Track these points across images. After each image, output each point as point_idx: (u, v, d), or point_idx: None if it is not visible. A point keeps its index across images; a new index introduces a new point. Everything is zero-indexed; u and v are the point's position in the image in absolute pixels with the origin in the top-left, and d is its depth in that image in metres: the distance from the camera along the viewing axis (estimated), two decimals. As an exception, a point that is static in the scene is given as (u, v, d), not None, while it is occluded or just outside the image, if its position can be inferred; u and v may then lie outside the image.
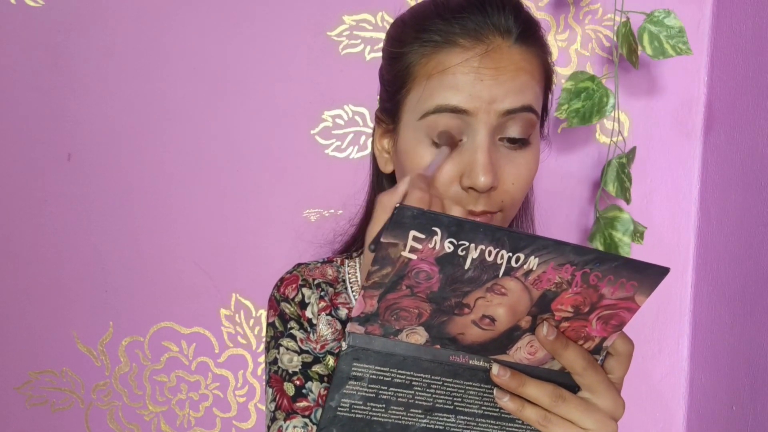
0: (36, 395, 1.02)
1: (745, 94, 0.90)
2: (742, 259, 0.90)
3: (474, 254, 0.42)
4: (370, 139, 0.98)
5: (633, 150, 0.93)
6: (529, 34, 0.62)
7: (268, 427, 0.70)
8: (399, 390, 0.48)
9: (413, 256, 0.42)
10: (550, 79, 0.67)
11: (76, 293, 1.01)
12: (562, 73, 0.97)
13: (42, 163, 0.99)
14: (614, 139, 0.93)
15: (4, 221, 0.99)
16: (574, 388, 0.50)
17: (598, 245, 0.91)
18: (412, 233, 0.41)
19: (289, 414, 0.68)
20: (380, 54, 0.97)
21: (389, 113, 0.67)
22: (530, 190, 0.77)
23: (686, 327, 1.03)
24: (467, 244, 0.41)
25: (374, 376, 0.47)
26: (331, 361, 0.70)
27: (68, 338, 1.01)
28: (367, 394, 0.48)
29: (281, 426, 0.68)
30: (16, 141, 0.98)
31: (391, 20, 0.96)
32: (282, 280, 0.74)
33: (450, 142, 0.60)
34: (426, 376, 0.48)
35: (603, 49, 0.99)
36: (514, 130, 0.60)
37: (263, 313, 1.02)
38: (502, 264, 0.43)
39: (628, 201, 0.91)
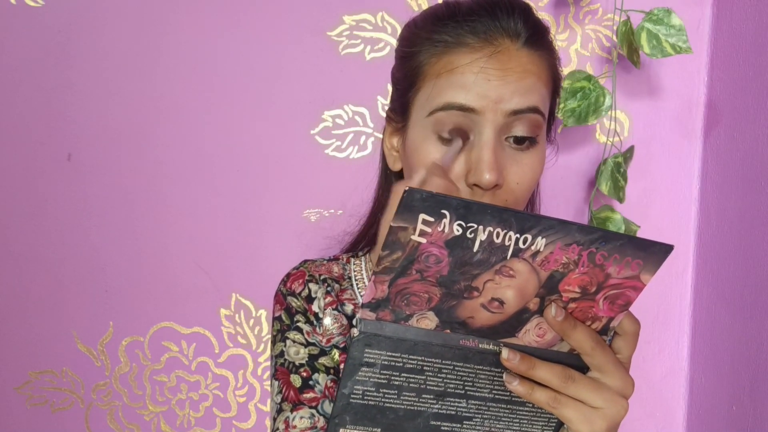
0: (36, 395, 1.02)
1: (745, 95, 0.90)
2: (742, 259, 0.90)
3: (482, 236, 0.43)
4: (371, 139, 0.99)
5: (631, 149, 0.94)
6: (537, 38, 0.63)
7: (274, 420, 0.70)
8: (411, 375, 0.48)
9: (423, 240, 0.42)
10: (558, 83, 0.68)
11: (76, 293, 1.01)
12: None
13: (42, 163, 0.99)
14: (611, 139, 0.93)
15: (4, 221, 0.99)
16: (583, 369, 0.50)
17: None
18: (422, 216, 0.41)
19: (296, 405, 0.68)
20: (380, 54, 0.98)
21: (399, 112, 0.68)
22: (536, 191, 0.78)
23: (686, 327, 1.03)
24: (475, 226, 0.42)
25: (386, 362, 0.48)
26: (336, 355, 0.71)
27: (68, 338, 1.01)
28: (379, 381, 0.48)
29: (288, 417, 0.68)
30: (16, 141, 0.98)
31: (392, 20, 0.97)
32: (288, 275, 0.75)
33: (462, 135, 0.61)
34: (437, 360, 0.48)
35: (603, 49, 0.99)
36: (520, 130, 0.61)
37: (263, 313, 1.02)
38: (510, 246, 0.43)
39: (621, 200, 0.91)
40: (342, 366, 0.71)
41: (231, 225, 1.00)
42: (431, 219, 0.41)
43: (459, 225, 0.42)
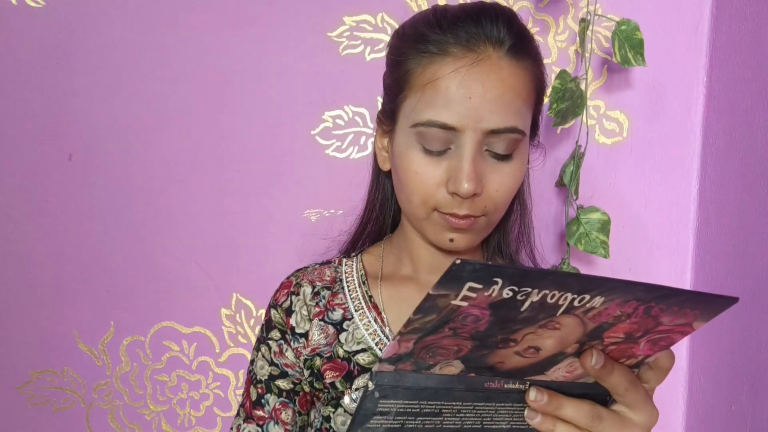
0: (37, 395, 1.03)
1: (743, 95, 0.90)
2: (741, 259, 0.90)
3: (535, 298, 0.39)
4: (371, 139, 0.99)
5: (576, 149, 0.94)
6: (521, 47, 0.63)
7: (237, 416, 0.76)
8: (427, 418, 0.45)
9: (464, 304, 0.38)
10: (542, 92, 0.69)
11: (77, 293, 1.01)
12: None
13: (43, 164, 0.99)
14: (578, 141, 0.94)
15: (6, 221, 1.00)
16: (606, 395, 0.48)
17: (576, 244, 0.92)
18: (469, 284, 0.37)
19: (248, 418, 0.74)
20: (380, 55, 0.98)
21: (388, 115, 0.69)
22: (528, 196, 0.78)
23: (686, 327, 1.03)
24: (530, 290, 0.38)
25: (402, 409, 0.44)
26: (318, 361, 0.71)
27: (69, 338, 1.02)
28: (392, 426, 0.45)
29: (240, 425, 0.74)
30: (17, 141, 0.98)
31: (391, 21, 0.97)
32: (281, 284, 0.77)
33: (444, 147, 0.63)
34: (457, 403, 0.45)
35: (602, 50, 0.99)
36: (498, 147, 0.63)
37: (264, 313, 1.02)
38: (563, 305, 0.40)
39: (575, 197, 0.94)
40: (324, 371, 0.71)
41: (231, 225, 1.00)
42: (479, 286, 0.37)
43: (510, 290, 0.38)
